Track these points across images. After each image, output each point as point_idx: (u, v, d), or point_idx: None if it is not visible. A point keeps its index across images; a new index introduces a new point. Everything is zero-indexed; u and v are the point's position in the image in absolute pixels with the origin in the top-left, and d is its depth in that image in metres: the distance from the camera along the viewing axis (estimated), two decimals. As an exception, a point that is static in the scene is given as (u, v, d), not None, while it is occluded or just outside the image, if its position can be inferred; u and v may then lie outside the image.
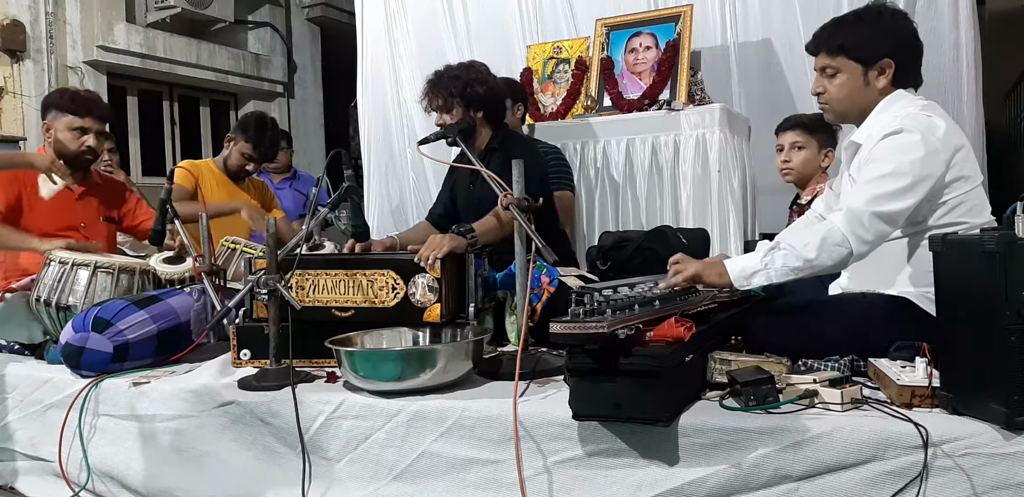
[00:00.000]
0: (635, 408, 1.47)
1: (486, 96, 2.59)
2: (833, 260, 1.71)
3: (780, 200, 3.11)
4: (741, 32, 3.67)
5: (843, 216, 1.72)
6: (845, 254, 1.70)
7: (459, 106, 2.56)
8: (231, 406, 1.91)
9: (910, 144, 1.73)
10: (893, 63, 1.86)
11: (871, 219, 1.70)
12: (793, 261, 1.71)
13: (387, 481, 1.74)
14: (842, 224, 1.70)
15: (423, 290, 2.07)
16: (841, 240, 1.69)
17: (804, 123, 2.80)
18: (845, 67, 1.90)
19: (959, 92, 3.26)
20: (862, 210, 1.70)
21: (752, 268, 1.74)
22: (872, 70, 1.87)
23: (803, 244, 1.71)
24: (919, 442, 1.35)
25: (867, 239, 1.70)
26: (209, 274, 2.40)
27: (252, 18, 7.27)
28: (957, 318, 1.44)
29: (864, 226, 1.70)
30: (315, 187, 2.27)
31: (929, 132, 1.74)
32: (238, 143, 3.33)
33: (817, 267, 1.71)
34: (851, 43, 1.88)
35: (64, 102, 2.80)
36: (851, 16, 1.94)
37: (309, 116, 7.74)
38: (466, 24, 4.33)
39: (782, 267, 1.71)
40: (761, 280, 1.74)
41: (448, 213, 2.82)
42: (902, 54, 1.87)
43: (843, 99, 1.93)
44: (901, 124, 1.75)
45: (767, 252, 1.75)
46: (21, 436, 2.28)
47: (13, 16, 5.38)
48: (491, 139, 2.66)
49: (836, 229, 1.70)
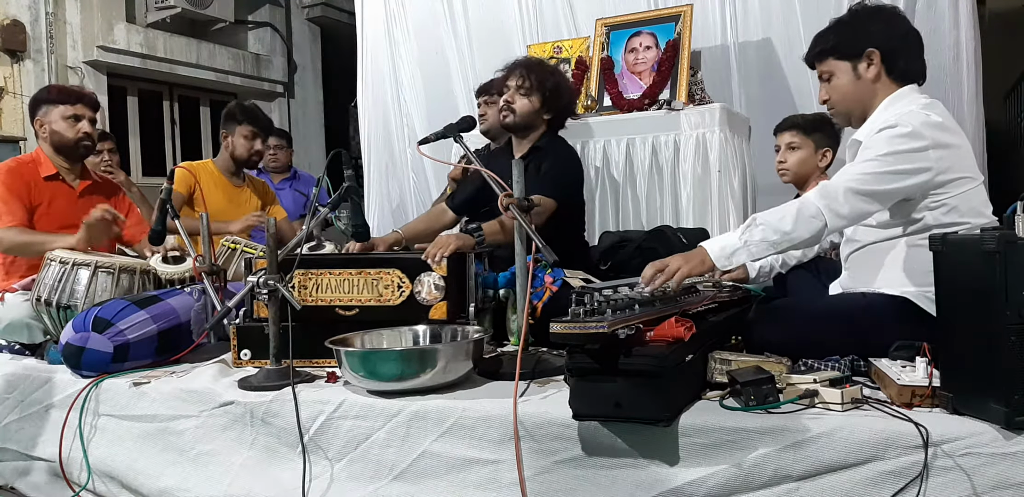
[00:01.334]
0: (635, 408, 1.47)
1: (566, 106, 2.76)
2: (810, 232, 1.72)
3: (780, 200, 3.06)
4: (741, 32, 3.67)
5: (817, 190, 1.75)
6: (820, 226, 1.71)
7: (538, 99, 2.63)
8: (231, 406, 1.91)
9: (903, 137, 1.74)
10: (878, 51, 1.88)
11: (846, 193, 1.72)
12: (771, 234, 1.72)
13: (387, 481, 1.74)
14: (816, 197, 1.73)
15: (429, 288, 2.09)
16: (815, 212, 1.71)
17: (799, 124, 2.81)
18: (835, 68, 1.94)
19: (959, 92, 3.26)
20: (837, 184, 1.73)
21: (732, 246, 1.74)
22: (860, 63, 1.90)
23: (778, 217, 1.73)
24: (919, 442, 1.35)
25: (841, 213, 1.71)
26: (209, 274, 2.39)
27: (252, 18, 7.27)
28: (957, 318, 1.44)
29: (838, 200, 1.71)
30: (315, 187, 2.27)
31: (924, 127, 1.75)
32: (234, 131, 3.32)
33: (795, 240, 1.73)
34: (832, 44, 1.94)
35: (52, 95, 2.85)
36: (830, 23, 1.99)
37: (309, 116, 7.74)
38: (466, 24, 4.33)
39: (761, 241, 1.72)
40: (743, 257, 1.74)
41: (478, 198, 2.80)
42: (886, 42, 1.89)
43: (843, 98, 1.96)
44: (898, 120, 1.78)
45: (744, 229, 1.75)
46: (22, 436, 2.27)
47: (13, 16, 5.38)
48: (539, 138, 2.71)
49: (810, 202, 1.73)
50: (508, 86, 2.69)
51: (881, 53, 1.88)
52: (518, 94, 2.65)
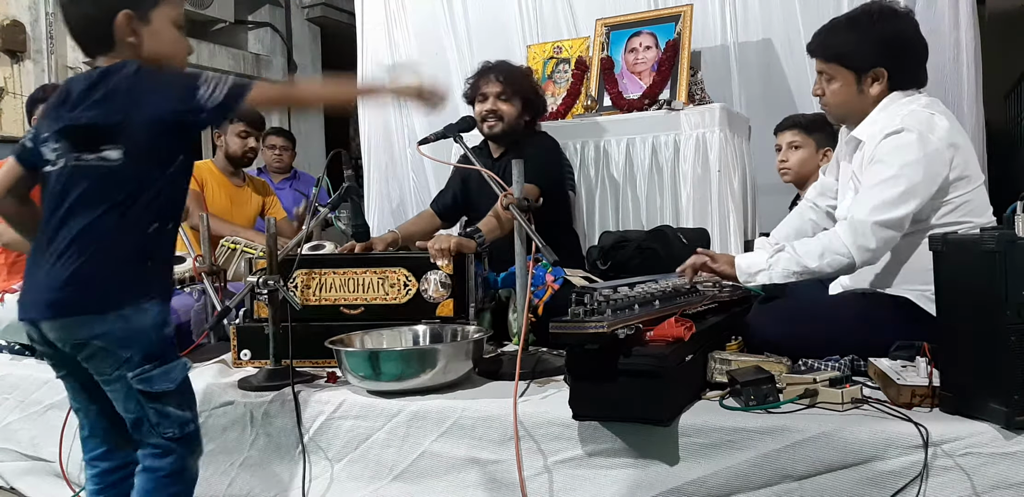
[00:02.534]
0: (635, 408, 1.47)
1: (541, 108, 2.81)
2: (833, 268, 1.77)
3: (780, 200, 3.11)
4: (741, 32, 3.67)
5: (847, 227, 1.75)
6: (847, 263, 1.76)
7: (520, 103, 2.65)
8: (231, 406, 1.92)
9: (910, 145, 1.73)
10: (886, 72, 1.85)
11: (874, 228, 1.73)
12: (794, 266, 1.78)
13: (387, 481, 1.74)
14: (845, 235, 1.75)
15: (435, 286, 2.10)
16: (843, 250, 1.75)
17: (801, 123, 2.80)
18: (839, 74, 1.90)
19: (959, 92, 3.25)
20: (864, 220, 1.73)
21: (758, 266, 1.83)
22: (866, 77, 1.87)
23: (805, 251, 1.78)
24: (919, 442, 1.35)
25: (870, 248, 1.74)
26: (209, 274, 2.39)
27: (252, 18, 7.27)
28: (957, 318, 1.44)
29: (867, 236, 1.73)
30: (315, 187, 2.27)
31: (930, 131, 1.74)
32: (227, 129, 3.31)
33: (816, 274, 1.80)
34: (843, 51, 1.88)
35: (48, 95, 2.82)
36: (844, 20, 1.93)
37: (309, 117, 7.72)
38: (466, 24, 4.33)
39: (783, 270, 1.79)
40: (763, 279, 1.83)
41: (457, 204, 2.85)
42: (895, 60, 1.85)
43: (840, 105, 1.94)
44: (902, 123, 1.75)
45: (773, 253, 1.81)
46: (22, 436, 2.28)
47: (13, 17, 5.38)
48: (517, 136, 2.73)
49: (838, 239, 1.75)
50: (485, 93, 2.67)
51: (889, 73, 1.85)
52: (499, 101, 2.64)
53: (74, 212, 1.41)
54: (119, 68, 1.44)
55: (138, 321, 1.42)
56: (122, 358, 1.42)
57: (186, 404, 1.51)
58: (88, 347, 1.42)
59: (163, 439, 1.46)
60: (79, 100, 1.43)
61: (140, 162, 1.42)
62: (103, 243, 1.41)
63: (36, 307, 1.43)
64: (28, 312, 1.45)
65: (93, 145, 1.41)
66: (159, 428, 1.46)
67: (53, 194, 1.44)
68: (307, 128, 7.65)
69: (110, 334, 1.40)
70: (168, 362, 1.46)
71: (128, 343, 1.42)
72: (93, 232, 1.40)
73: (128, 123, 1.39)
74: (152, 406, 1.44)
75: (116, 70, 1.43)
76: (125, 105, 1.40)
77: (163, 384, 1.45)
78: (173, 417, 1.47)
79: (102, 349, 1.41)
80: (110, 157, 1.40)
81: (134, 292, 1.43)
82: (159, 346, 1.46)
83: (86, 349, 1.42)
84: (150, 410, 1.44)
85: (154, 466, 1.47)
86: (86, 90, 1.43)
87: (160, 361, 1.45)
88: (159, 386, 1.44)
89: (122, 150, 1.40)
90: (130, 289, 1.43)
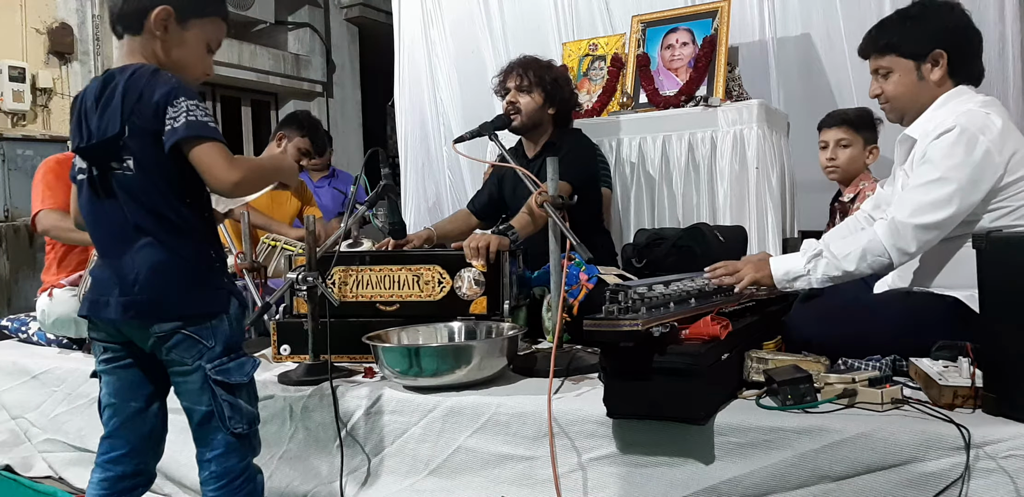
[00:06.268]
0: (670, 406, 1.47)
1: (568, 99, 2.74)
2: (873, 269, 1.76)
3: (820, 197, 3.07)
4: (780, 27, 3.62)
5: (886, 228, 1.73)
6: (886, 264, 1.75)
7: (540, 94, 2.62)
8: (270, 400, 1.95)
9: (962, 145, 1.69)
10: (945, 54, 1.82)
11: (914, 231, 1.71)
12: (833, 271, 1.77)
13: (423, 476, 1.76)
14: (884, 236, 1.73)
15: (469, 283, 2.11)
16: (882, 252, 1.73)
17: (850, 120, 2.73)
18: (897, 65, 1.87)
19: (1005, 88, 3.17)
20: (905, 222, 1.71)
21: (796, 272, 1.81)
22: (925, 64, 1.84)
23: (844, 254, 1.75)
24: (961, 443, 1.32)
25: (909, 250, 1.73)
26: (250, 271, 2.44)
27: (292, 19, 7.36)
28: (1001, 317, 1.41)
29: (906, 238, 1.71)
30: (353, 185, 2.30)
31: (983, 132, 1.69)
32: (292, 139, 3.35)
33: (856, 276, 1.78)
34: (899, 40, 1.85)
35: None
36: (895, 15, 1.91)
37: (347, 115, 7.82)
38: (502, 23, 4.34)
39: (823, 276, 1.78)
40: (803, 285, 1.82)
41: (493, 203, 2.86)
42: (953, 44, 1.83)
43: (901, 97, 1.89)
44: (956, 122, 1.71)
45: (811, 258, 1.79)
46: (69, 428, 2.34)
47: (61, 19, 5.51)
48: (551, 135, 2.72)
49: (878, 241, 1.73)
50: (508, 88, 2.68)
51: (948, 55, 1.82)
52: (519, 93, 2.64)
53: (135, 214, 1.43)
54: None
55: (221, 309, 1.47)
56: (205, 348, 1.44)
57: (254, 400, 1.54)
58: (173, 338, 1.43)
59: (230, 435, 1.47)
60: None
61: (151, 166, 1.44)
62: (172, 241, 1.43)
63: (115, 308, 1.43)
64: (103, 312, 1.45)
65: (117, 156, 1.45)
66: (231, 422, 1.47)
67: (109, 196, 1.47)
68: (345, 127, 7.73)
69: (196, 321, 1.43)
70: (243, 355, 1.50)
71: (214, 332, 1.45)
72: (161, 232, 1.43)
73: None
74: (227, 399, 1.46)
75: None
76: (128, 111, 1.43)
77: (239, 376, 1.48)
78: (244, 411, 1.49)
79: (188, 338, 1.44)
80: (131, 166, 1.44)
81: (213, 285, 1.47)
82: (238, 338, 1.50)
83: (171, 340, 1.44)
84: (224, 403, 1.46)
85: (224, 469, 1.48)
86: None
87: (237, 354, 1.48)
88: (236, 378, 1.47)
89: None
90: (208, 282, 1.47)
